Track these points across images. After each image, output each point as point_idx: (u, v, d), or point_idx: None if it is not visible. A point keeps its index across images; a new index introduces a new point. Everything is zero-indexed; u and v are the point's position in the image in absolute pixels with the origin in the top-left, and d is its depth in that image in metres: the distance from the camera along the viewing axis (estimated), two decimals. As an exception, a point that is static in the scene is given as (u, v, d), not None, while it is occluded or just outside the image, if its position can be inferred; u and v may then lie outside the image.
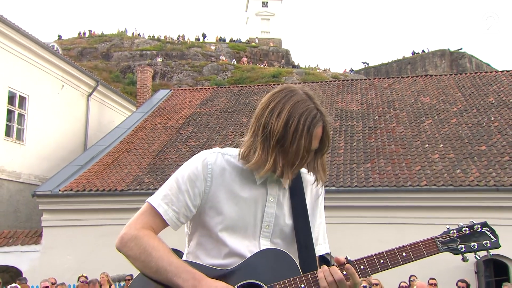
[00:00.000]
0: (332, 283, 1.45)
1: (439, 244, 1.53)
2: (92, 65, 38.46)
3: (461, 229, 1.55)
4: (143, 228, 1.53)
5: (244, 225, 1.56)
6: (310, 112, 1.49)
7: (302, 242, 1.59)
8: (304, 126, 1.46)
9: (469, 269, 10.45)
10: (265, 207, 1.58)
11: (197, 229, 1.62)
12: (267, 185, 1.60)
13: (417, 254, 1.52)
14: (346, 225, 11.05)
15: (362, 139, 13.50)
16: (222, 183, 1.57)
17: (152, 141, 14.98)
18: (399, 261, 1.52)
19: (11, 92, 15.01)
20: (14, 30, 14.80)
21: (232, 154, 1.62)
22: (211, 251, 1.57)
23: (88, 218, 12.22)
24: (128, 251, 1.51)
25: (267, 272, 1.49)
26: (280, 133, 1.47)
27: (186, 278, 1.44)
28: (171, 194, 1.56)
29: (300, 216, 1.61)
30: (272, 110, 1.51)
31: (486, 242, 1.52)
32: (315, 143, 1.51)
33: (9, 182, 14.66)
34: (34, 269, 11.80)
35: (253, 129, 1.56)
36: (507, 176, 10.85)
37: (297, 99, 1.51)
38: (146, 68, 21.48)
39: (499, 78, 16.38)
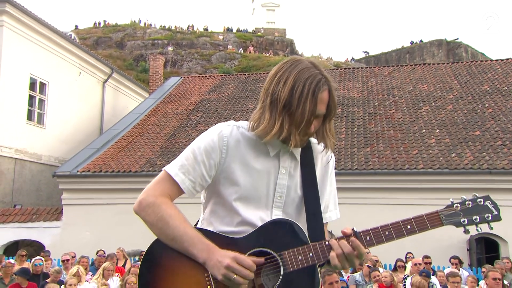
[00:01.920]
0: (341, 255, 1.45)
1: (443, 217, 1.51)
2: (107, 53, 38.35)
3: (464, 202, 1.53)
4: (161, 195, 1.53)
5: (258, 196, 1.55)
6: (315, 77, 1.47)
7: (311, 211, 1.58)
8: (309, 89, 1.45)
9: (462, 246, 10.49)
10: (277, 178, 1.57)
11: (211, 197, 1.62)
12: (279, 157, 1.58)
13: (421, 226, 1.50)
14: (346, 206, 11.03)
15: (363, 124, 13.46)
16: (236, 154, 1.55)
17: (163, 126, 15.00)
18: (404, 233, 1.50)
19: (32, 79, 15.04)
20: (35, 20, 14.78)
21: (246, 127, 1.60)
22: (224, 219, 1.56)
23: (104, 197, 12.32)
24: (145, 216, 1.52)
25: (277, 241, 1.48)
26: (286, 98, 1.45)
27: (201, 248, 1.45)
28: (188, 164, 1.55)
29: (310, 186, 1.60)
30: (278, 79, 1.50)
31: (488, 215, 1.51)
32: (321, 107, 1.49)
33: (31, 163, 14.78)
34: (55, 243, 11.96)
35: (262, 100, 1.55)
36: (499, 160, 10.82)
37: (302, 67, 1.50)
38: (158, 56, 21.40)
39: (493, 67, 16.23)
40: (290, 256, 1.46)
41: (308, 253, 1.46)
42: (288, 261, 1.45)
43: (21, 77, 14.44)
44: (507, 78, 15.01)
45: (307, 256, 1.46)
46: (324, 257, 1.47)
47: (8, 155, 13.80)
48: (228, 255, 1.42)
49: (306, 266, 1.45)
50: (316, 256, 1.46)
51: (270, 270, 1.47)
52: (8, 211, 13.14)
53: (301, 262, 1.45)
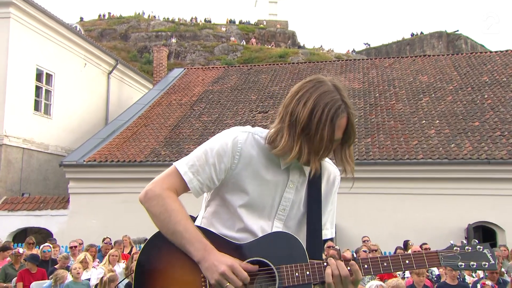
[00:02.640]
0: (337, 277, 1.44)
1: (442, 258, 1.51)
2: (112, 45, 38.21)
3: (463, 247, 1.53)
4: (168, 189, 1.52)
5: (262, 206, 1.54)
6: (335, 103, 1.44)
7: (312, 228, 1.57)
8: (328, 116, 1.42)
9: (460, 234, 10.52)
10: (284, 191, 1.56)
11: (216, 198, 1.60)
12: (289, 171, 1.57)
13: (419, 263, 1.50)
14: (348, 195, 11.00)
15: (364, 115, 13.43)
16: (249, 162, 1.53)
17: (167, 117, 15.00)
18: (401, 267, 1.50)
19: (38, 70, 15.02)
20: (41, 12, 14.73)
21: (261, 136, 1.56)
22: (226, 222, 1.56)
23: (110, 186, 12.36)
24: (149, 206, 1.51)
25: (276, 253, 1.47)
26: (305, 121, 1.43)
27: (198, 248, 1.44)
28: (199, 165, 1.53)
29: (314, 204, 1.59)
30: (299, 99, 1.46)
31: (485, 264, 1.51)
32: (338, 134, 1.46)
33: (39, 153, 14.82)
34: (63, 231, 12.04)
35: (281, 115, 1.51)
36: (498, 150, 10.80)
37: (324, 90, 1.46)
38: (162, 48, 21.33)
39: (493, 58, 16.15)
40: (287, 271, 1.45)
41: (305, 271, 1.45)
42: (284, 275, 1.45)
43: (28, 68, 14.42)
44: (506, 70, 14.94)
45: (304, 274, 1.45)
46: (320, 278, 1.45)
47: (16, 144, 13.84)
48: (225, 262, 1.41)
49: (301, 284, 1.44)
50: (312, 276, 1.45)
51: (265, 281, 1.46)
52: (16, 199, 13.22)
53: (297, 279, 1.44)
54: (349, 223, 10.93)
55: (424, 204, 10.70)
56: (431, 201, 10.67)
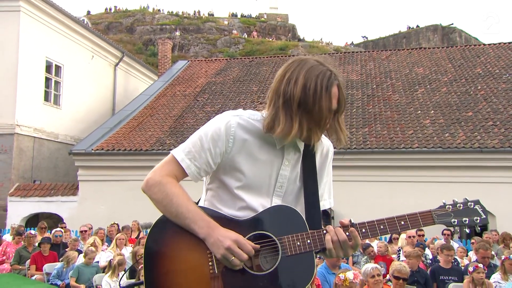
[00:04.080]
0: (337, 243, 1.45)
1: (435, 216, 1.52)
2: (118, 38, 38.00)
3: (455, 204, 1.55)
4: (167, 175, 1.52)
5: (260, 184, 1.54)
6: (324, 73, 1.43)
7: (309, 201, 1.57)
8: (322, 86, 1.41)
9: (453, 221, 10.54)
10: (280, 169, 1.55)
11: (214, 181, 1.60)
12: (284, 149, 1.56)
13: (414, 223, 1.51)
14: (345, 183, 11.10)
15: (361, 106, 13.41)
16: (243, 145, 1.52)
17: (172, 107, 14.98)
18: (397, 229, 1.51)
19: (48, 62, 14.97)
20: (50, 6, 14.65)
21: (254, 118, 1.55)
22: (227, 202, 1.55)
23: (117, 174, 12.39)
24: (152, 194, 1.51)
25: (277, 226, 1.47)
26: (300, 97, 1.41)
27: (202, 226, 1.44)
28: (194, 151, 1.52)
29: (310, 178, 1.58)
30: (288, 79, 1.45)
31: (477, 218, 1.53)
32: (334, 102, 1.46)
33: (49, 142, 14.83)
34: (73, 216, 12.11)
35: (272, 101, 1.48)
36: (490, 139, 10.80)
37: (309, 65, 1.46)
38: (166, 41, 21.22)
39: (486, 51, 16.05)
40: (289, 241, 1.45)
41: (306, 240, 1.46)
42: (287, 245, 1.45)
43: (37, 60, 14.38)
44: (498, 62, 14.86)
45: (305, 243, 1.45)
46: (321, 245, 1.46)
47: (28, 133, 13.86)
48: (229, 236, 1.41)
49: (303, 252, 1.45)
50: (313, 243, 1.46)
51: (268, 253, 1.46)
52: (28, 186, 13.28)
53: (299, 248, 1.44)
54: (347, 210, 10.93)
55: (419, 191, 10.70)
56: (426, 188, 10.67)
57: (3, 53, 13.44)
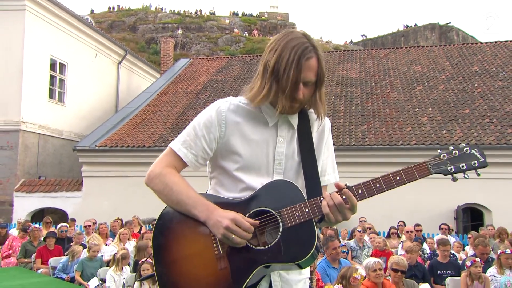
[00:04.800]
0: (333, 207, 1.42)
1: (430, 166, 1.44)
2: (121, 36, 37.91)
3: (451, 152, 1.46)
4: (166, 166, 1.55)
5: (258, 164, 1.54)
6: (301, 45, 1.44)
7: (308, 174, 1.56)
8: (295, 56, 1.42)
9: (449, 215, 10.56)
10: (275, 147, 1.55)
11: (215, 169, 1.62)
12: (277, 127, 1.56)
13: (409, 176, 1.44)
14: (344, 179, 10.93)
15: (360, 103, 13.39)
16: (235, 128, 1.54)
17: (174, 104, 14.97)
18: (393, 184, 1.45)
19: (52, 60, 14.95)
20: (55, 4, 14.62)
21: (244, 102, 1.58)
22: (228, 186, 1.56)
23: (120, 170, 12.41)
24: (154, 186, 1.54)
25: (276, 200, 1.47)
26: (273, 65, 1.45)
27: (201, 210, 1.46)
28: (190, 139, 1.56)
29: (307, 152, 1.58)
30: (271, 50, 1.49)
31: (474, 162, 1.44)
32: (308, 75, 1.45)
33: (54, 138, 14.84)
34: (77, 211, 12.13)
35: (258, 72, 1.54)
36: (486, 136, 10.79)
37: (292, 37, 1.47)
38: (168, 39, 21.17)
39: (483, 49, 16.01)
40: (288, 213, 1.44)
41: (304, 209, 1.44)
42: (286, 217, 1.44)
43: (42, 58, 14.36)
44: (495, 60, 14.83)
45: (304, 212, 1.44)
46: (319, 212, 1.44)
47: (33, 130, 13.86)
48: (227, 216, 1.41)
49: (303, 221, 1.43)
50: (312, 211, 1.44)
51: (271, 227, 1.46)
52: (33, 181, 13.29)
53: (298, 218, 1.43)
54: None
55: (417, 187, 10.60)
56: (423, 184, 10.62)
57: (9, 52, 13.43)
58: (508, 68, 14.05)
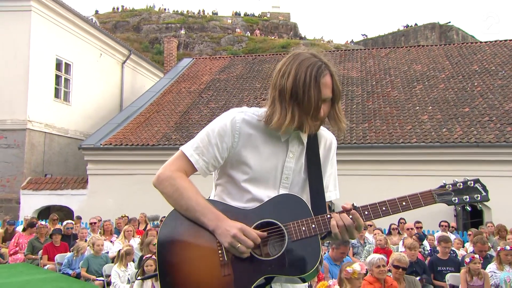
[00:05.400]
0: (342, 227, 1.46)
1: (436, 195, 1.51)
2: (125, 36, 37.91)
3: (456, 184, 1.53)
4: (177, 170, 1.54)
5: (266, 177, 1.55)
6: (314, 64, 1.46)
7: (314, 189, 1.58)
8: (311, 76, 1.43)
9: (449, 212, 10.53)
10: (285, 161, 1.56)
11: (223, 176, 1.61)
12: (289, 142, 1.57)
13: (415, 203, 1.51)
14: (346, 176, 11.02)
15: (361, 102, 13.37)
16: (248, 139, 1.54)
17: (178, 103, 14.98)
18: (399, 209, 1.51)
19: (58, 60, 14.98)
20: (60, 5, 14.65)
21: (257, 114, 1.57)
22: (235, 195, 1.56)
23: (125, 168, 12.43)
24: (163, 188, 1.53)
25: (283, 213, 1.48)
26: (291, 88, 1.44)
27: (211, 218, 1.46)
28: (202, 146, 1.55)
29: (314, 168, 1.60)
30: (283, 73, 1.48)
31: (477, 196, 1.51)
32: (326, 92, 1.47)
33: (59, 137, 14.87)
34: (82, 209, 12.16)
35: (272, 96, 1.52)
36: (486, 134, 10.77)
37: (302, 58, 1.48)
38: (172, 39, 21.17)
39: (482, 48, 15.95)
40: (294, 227, 1.46)
41: (311, 225, 1.46)
42: (292, 231, 1.45)
43: (48, 58, 14.39)
44: (494, 59, 14.77)
45: (310, 227, 1.46)
46: (325, 228, 1.47)
47: (39, 129, 13.90)
48: (235, 226, 1.43)
49: (309, 236, 1.45)
50: (318, 228, 1.46)
51: (276, 239, 1.47)
52: (40, 179, 13.34)
53: (304, 233, 1.45)
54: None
55: (417, 184, 10.56)
56: (424, 182, 10.56)
57: (15, 52, 13.47)
58: (508, 67, 14.00)
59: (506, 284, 5.20)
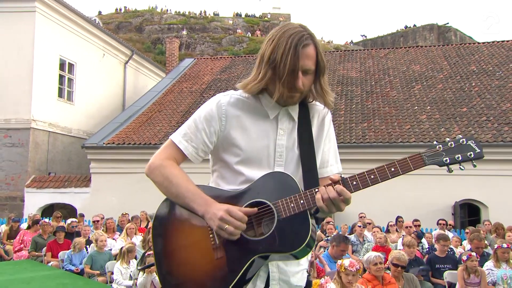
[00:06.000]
0: (327, 200, 1.38)
1: (425, 157, 1.39)
2: (127, 37, 37.91)
3: (447, 143, 1.41)
4: (167, 158, 1.53)
5: (259, 157, 1.51)
6: (298, 33, 1.41)
7: (306, 167, 1.53)
8: (292, 44, 1.39)
9: (447, 211, 10.54)
10: (276, 139, 1.52)
11: (217, 162, 1.59)
12: (278, 120, 1.53)
13: (404, 168, 1.39)
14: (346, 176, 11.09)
15: (360, 102, 13.36)
16: (236, 121, 1.52)
17: (179, 103, 14.98)
18: (388, 176, 1.41)
19: (61, 60, 14.98)
20: (64, 6, 14.64)
21: (244, 95, 1.55)
22: (229, 179, 1.53)
23: (127, 167, 12.42)
24: (154, 177, 1.52)
25: (271, 192, 1.44)
26: (270, 54, 1.42)
27: (200, 203, 1.43)
28: (190, 132, 1.54)
29: (306, 144, 1.54)
30: (267, 41, 1.47)
31: (470, 153, 1.39)
32: (306, 63, 1.42)
33: (63, 136, 14.88)
34: (85, 206, 12.17)
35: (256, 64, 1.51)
36: (484, 134, 10.76)
37: (289, 27, 1.44)
38: (173, 39, 21.19)
39: (480, 49, 15.94)
40: (283, 204, 1.41)
41: (299, 200, 1.41)
42: (281, 208, 1.41)
43: (52, 59, 14.40)
44: (492, 59, 14.76)
45: (299, 203, 1.41)
46: (313, 203, 1.40)
47: (43, 128, 13.91)
48: (222, 208, 1.39)
49: (298, 212, 1.40)
50: (306, 203, 1.41)
51: (267, 218, 1.43)
52: (44, 178, 13.35)
53: (293, 209, 1.40)
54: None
55: (415, 183, 10.67)
56: (422, 181, 10.65)
57: (20, 52, 13.47)
58: (505, 68, 13.99)
59: (503, 281, 5.21)
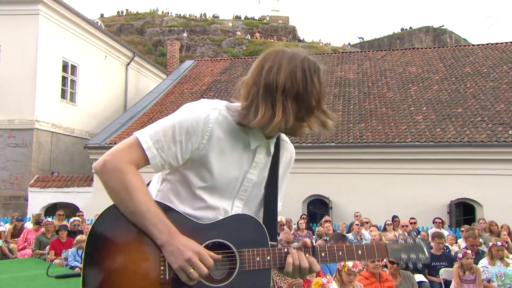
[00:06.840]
0: (297, 268, 1.30)
1: (389, 250, 1.46)
2: (129, 39, 37.91)
3: (406, 240, 1.52)
4: (129, 163, 1.24)
5: (225, 187, 1.34)
6: (308, 59, 1.26)
7: (268, 210, 1.40)
8: (310, 71, 1.23)
9: (443, 210, 10.56)
10: (247, 172, 1.35)
11: (175, 173, 1.35)
12: (256, 152, 1.35)
13: (370, 254, 1.44)
14: (344, 175, 11.16)
15: (358, 103, 13.38)
16: (217, 143, 1.29)
17: (180, 104, 14.84)
18: (354, 257, 1.42)
19: (64, 61, 14.98)
20: (67, 9, 14.64)
21: (231, 113, 1.32)
22: (185, 200, 1.33)
23: (129, 167, 12.40)
24: (107, 179, 1.24)
25: (238, 236, 1.29)
26: (285, 83, 1.21)
27: (162, 230, 1.21)
28: (164, 140, 1.26)
29: (272, 186, 1.41)
30: (269, 70, 1.24)
31: (421, 257, 1.50)
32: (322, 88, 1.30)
33: (65, 136, 14.88)
34: (88, 206, 12.15)
35: (250, 93, 1.27)
36: (478, 134, 10.78)
37: (290, 54, 1.27)
38: (174, 41, 21.14)
39: (475, 51, 15.97)
40: (248, 256, 1.27)
41: (266, 256, 1.29)
42: (245, 259, 1.27)
43: (54, 60, 14.39)
44: (486, 61, 14.79)
45: (265, 259, 1.29)
46: (280, 264, 1.31)
47: (46, 129, 13.91)
48: (191, 247, 1.20)
49: (261, 268, 1.28)
50: (273, 261, 1.30)
51: (227, 263, 1.28)
52: (47, 177, 13.34)
53: (257, 264, 1.28)
54: (344, 200, 10.99)
55: (412, 182, 10.72)
56: (418, 180, 10.69)
57: (23, 54, 13.47)
58: (499, 69, 14.02)
59: (497, 279, 5.22)
